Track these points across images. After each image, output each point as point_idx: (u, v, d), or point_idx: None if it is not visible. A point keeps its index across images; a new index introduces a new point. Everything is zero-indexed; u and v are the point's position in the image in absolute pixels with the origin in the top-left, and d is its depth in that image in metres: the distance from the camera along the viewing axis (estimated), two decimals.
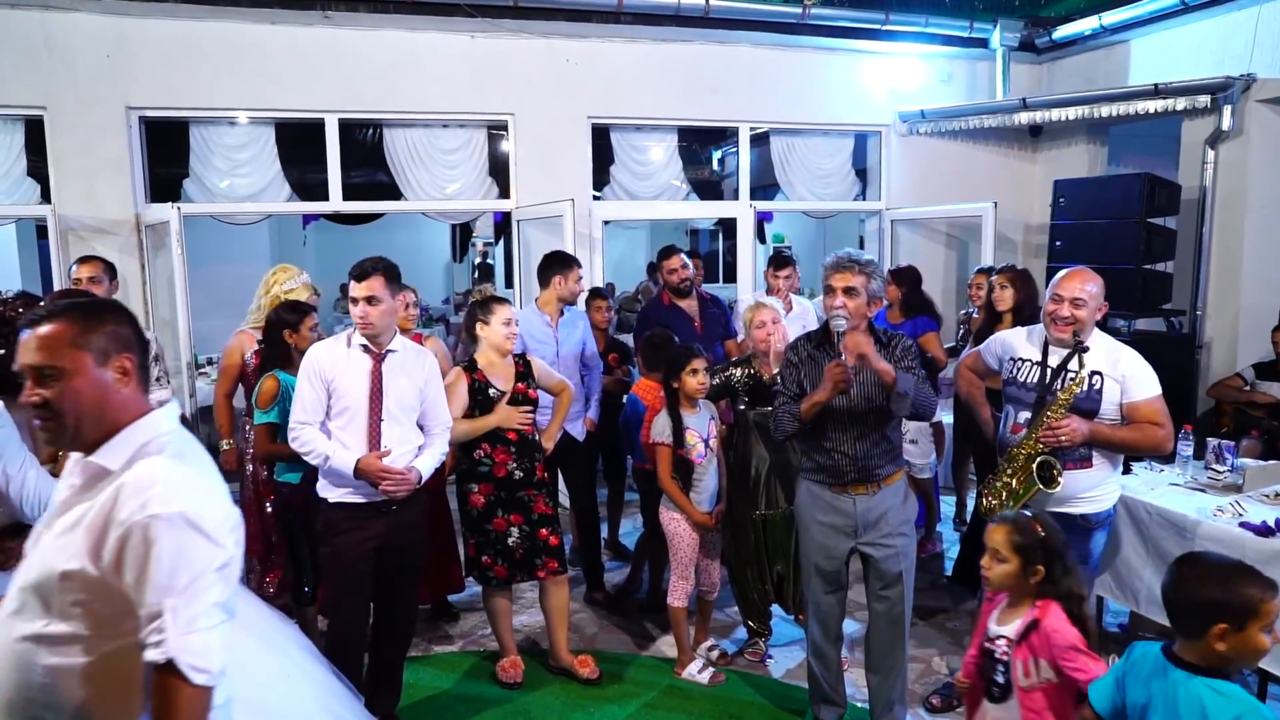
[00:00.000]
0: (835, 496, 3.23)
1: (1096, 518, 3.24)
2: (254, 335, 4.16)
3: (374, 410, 3.24)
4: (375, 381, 3.25)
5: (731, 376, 4.00)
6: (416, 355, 3.40)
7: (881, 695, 3.35)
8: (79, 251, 5.91)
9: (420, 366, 3.38)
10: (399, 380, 3.29)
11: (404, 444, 3.30)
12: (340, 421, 3.24)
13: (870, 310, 3.17)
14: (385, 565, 3.33)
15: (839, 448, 3.20)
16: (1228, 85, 6.08)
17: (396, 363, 3.30)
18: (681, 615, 3.93)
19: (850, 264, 3.13)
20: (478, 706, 3.72)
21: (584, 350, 4.79)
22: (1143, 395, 3.11)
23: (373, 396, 3.24)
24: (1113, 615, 4.32)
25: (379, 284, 3.18)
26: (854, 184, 8.01)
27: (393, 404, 3.26)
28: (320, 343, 3.38)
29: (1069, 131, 7.62)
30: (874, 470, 3.20)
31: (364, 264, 3.22)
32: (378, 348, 3.26)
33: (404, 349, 3.34)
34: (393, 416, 3.27)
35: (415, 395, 3.34)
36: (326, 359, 3.25)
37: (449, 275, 14.37)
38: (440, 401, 3.46)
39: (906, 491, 3.32)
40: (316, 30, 6.25)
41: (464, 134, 6.93)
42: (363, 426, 3.23)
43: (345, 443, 3.21)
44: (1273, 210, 6.31)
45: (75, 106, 5.87)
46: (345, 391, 3.23)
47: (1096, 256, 5.44)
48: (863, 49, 7.42)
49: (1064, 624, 2.39)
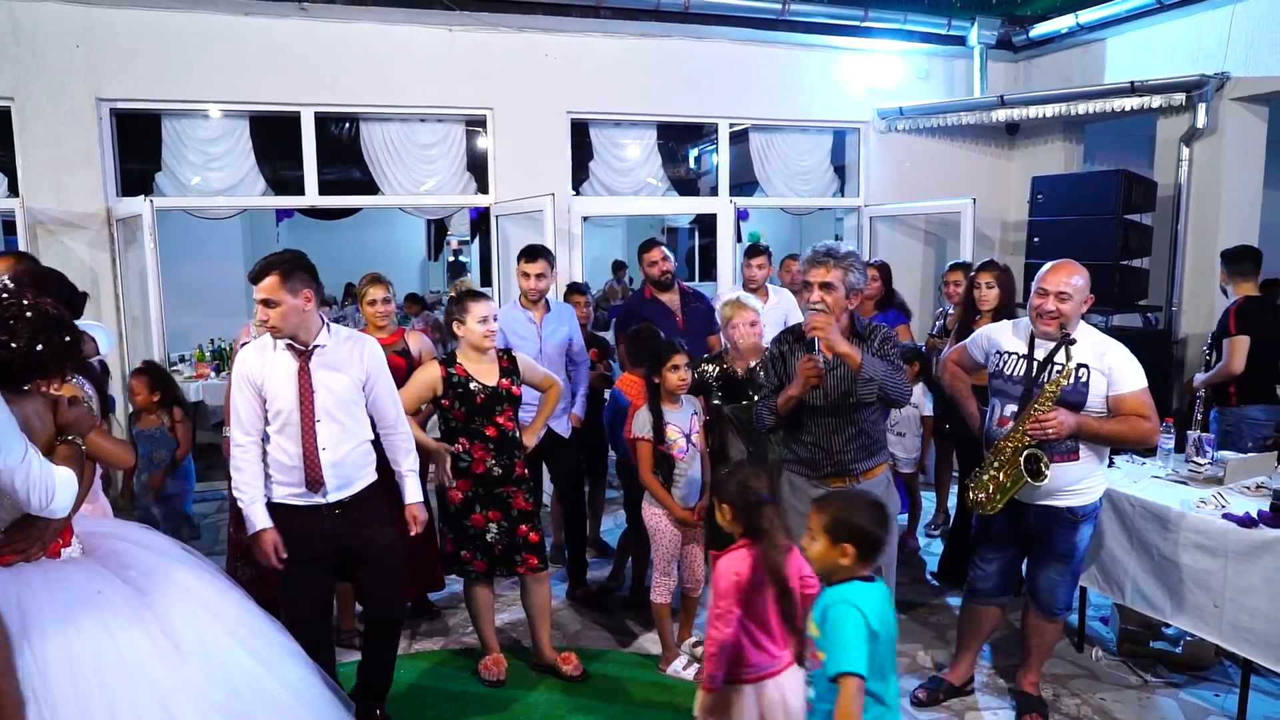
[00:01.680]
0: (812, 488, 3.21)
1: (1083, 510, 3.26)
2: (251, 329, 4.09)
3: (305, 412, 3.05)
4: (304, 381, 3.06)
5: (704, 373, 3.98)
6: (351, 347, 3.19)
7: None
8: (48, 245, 5.81)
9: (356, 358, 3.18)
10: (330, 377, 3.10)
11: (343, 444, 3.12)
12: (275, 426, 3.07)
13: (851, 302, 3.15)
14: (350, 565, 3.24)
15: (815, 440, 3.20)
16: (1202, 83, 6.14)
17: (326, 358, 3.11)
18: (665, 611, 3.90)
19: (826, 258, 3.11)
20: (460, 704, 3.67)
21: (571, 345, 4.70)
22: (1129, 388, 3.12)
23: (303, 397, 3.05)
24: (1094, 608, 4.35)
25: (273, 284, 2.96)
26: (832, 180, 8.02)
27: (328, 402, 3.08)
28: (248, 346, 3.19)
29: (1046, 129, 7.68)
30: (850, 464, 3.19)
31: (260, 264, 3.02)
32: (302, 345, 3.07)
33: (334, 342, 3.14)
34: (329, 415, 3.09)
35: (353, 390, 3.16)
36: (255, 363, 3.08)
37: (424, 273, 14.25)
38: (387, 394, 3.29)
39: (889, 485, 3.30)
40: (292, 21, 6.16)
41: (442, 129, 6.86)
42: (297, 431, 3.06)
43: (284, 448, 3.07)
44: (1246, 207, 6.39)
45: (44, 98, 5.74)
46: (275, 395, 3.05)
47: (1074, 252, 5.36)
48: (841, 45, 7.43)
49: (731, 567, 2.59)
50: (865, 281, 3.20)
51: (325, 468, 3.07)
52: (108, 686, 2.13)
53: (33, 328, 2.20)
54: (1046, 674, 3.73)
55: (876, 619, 2.27)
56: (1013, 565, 3.53)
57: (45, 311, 2.25)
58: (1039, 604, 3.42)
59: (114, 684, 2.14)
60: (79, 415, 2.37)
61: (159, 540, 2.66)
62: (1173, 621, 3.53)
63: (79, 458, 2.32)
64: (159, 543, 2.63)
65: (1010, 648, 3.96)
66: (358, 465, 3.19)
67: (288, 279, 2.98)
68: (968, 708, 3.62)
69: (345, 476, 3.14)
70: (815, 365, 3.00)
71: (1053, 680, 3.78)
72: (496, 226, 6.82)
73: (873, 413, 3.20)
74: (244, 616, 2.57)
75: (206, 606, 2.46)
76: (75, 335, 2.34)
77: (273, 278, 2.97)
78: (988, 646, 3.90)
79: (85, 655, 2.14)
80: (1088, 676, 3.84)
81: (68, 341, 2.29)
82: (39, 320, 2.22)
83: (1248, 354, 4.74)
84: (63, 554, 2.37)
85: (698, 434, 3.85)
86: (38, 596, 2.19)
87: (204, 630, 2.39)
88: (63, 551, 2.37)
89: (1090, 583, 3.88)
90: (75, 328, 2.36)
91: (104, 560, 2.43)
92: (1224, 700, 3.60)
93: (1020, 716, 3.49)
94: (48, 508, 2.13)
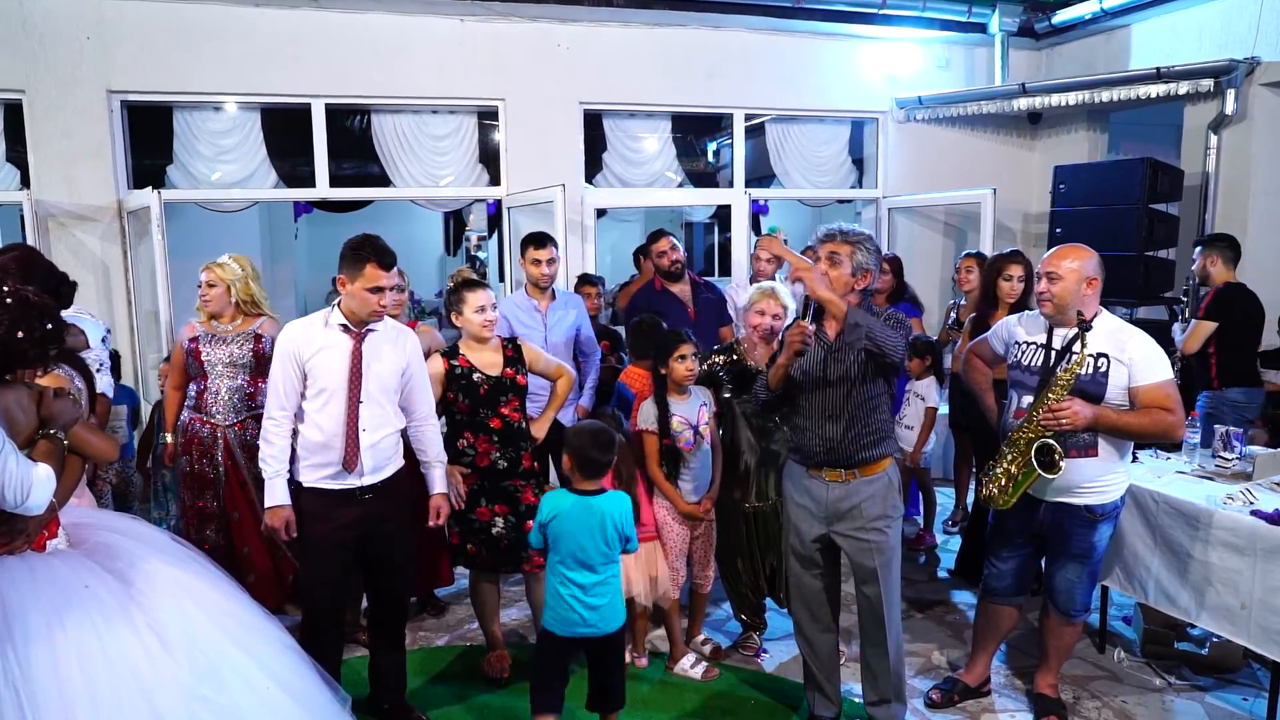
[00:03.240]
0: (808, 477, 3.14)
1: (1102, 509, 3.13)
2: (195, 325, 4.04)
3: (353, 392, 3.11)
4: (355, 362, 3.12)
5: (715, 365, 3.88)
6: (398, 335, 3.28)
7: (873, 691, 3.24)
8: (59, 238, 5.81)
9: (402, 346, 3.25)
10: (379, 360, 3.16)
11: (382, 428, 3.18)
12: (316, 404, 3.12)
13: (858, 282, 3.03)
14: (367, 555, 3.25)
15: (810, 427, 3.10)
16: (1231, 68, 5.97)
17: (377, 342, 3.18)
18: (673, 609, 3.82)
19: (834, 234, 3.07)
20: (464, 700, 3.61)
21: (579, 335, 4.62)
22: (1151, 379, 2.99)
23: (352, 377, 3.11)
24: (1117, 608, 4.22)
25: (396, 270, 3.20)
26: (850, 172, 7.90)
27: (373, 385, 3.14)
28: (295, 322, 3.25)
29: (1069, 118, 7.51)
30: (847, 456, 3.05)
31: (387, 251, 3.13)
32: (359, 326, 3.14)
33: (384, 328, 3.21)
34: (372, 399, 3.14)
35: (396, 377, 3.22)
36: (302, 339, 3.13)
37: (443, 268, 14.22)
38: (424, 386, 3.35)
39: (890, 484, 3.12)
40: (303, 13, 6.12)
41: (454, 120, 6.80)
42: (339, 409, 3.10)
43: (321, 425, 3.10)
44: (1276, 196, 6.20)
45: (55, 90, 5.72)
46: (323, 372, 3.10)
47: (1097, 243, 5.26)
48: (859, 34, 7.30)
49: None
50: (876, 265, 3.07)
51: (363, 450, 3.11)
52: (93, 683, 2.09)
53: (12, 315, 2.16)
54: (1066, 675, 3.62)
55: (547, 515, 2.95)
56: (1029, 564, 3.41)
57: (26, 298, 2.20)
58: (1057, 605, 3.30)
59: (99, 681, 2.10)
60: (63, 407, 2.32)
61: (146, 531, 2.62)
62: (1197, 622, 3.40)
63: (59, 453, 2.27)
64: (146, 533, 2.59)
65: (1029, 648, 3.85)
66: (388, 453, 3.22)
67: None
68: (983, 709, 3.51)
69: (379, 461, 3.18)
70: (801, 330, 2.91)
71: (1072, 682, 3.66)
72: (508, 218, 6.76)
73: (870, 399, 3.03)
74: (233, 608, 2.53)
75: (194, 598, 2.41)
76: (58, 324, 2.29)
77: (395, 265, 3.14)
78: (1005, 647, 3.79)
79: (70, 653, 2.10)
80: (1109, 678, 3.72)
81: (49, 329, 2.24)
82: (19, 307, 2.17)
83: (1225, 339, 4.84)
84: (48, 546, 2.32)
85: (706, 425, 3.75)
86: (22, 591, 2.15)
87: (192, 623, 2.34)
88: (48, 544, 2.32)
89: (1112, 582, 3.75)
90: (58, 316, 2.31)
91: (91, 552, 2.39)
92: (1253, 704, 3.47)
93: (1038, 719, 3.38)
94: (22, 505, 2.09)
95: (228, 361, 3.94)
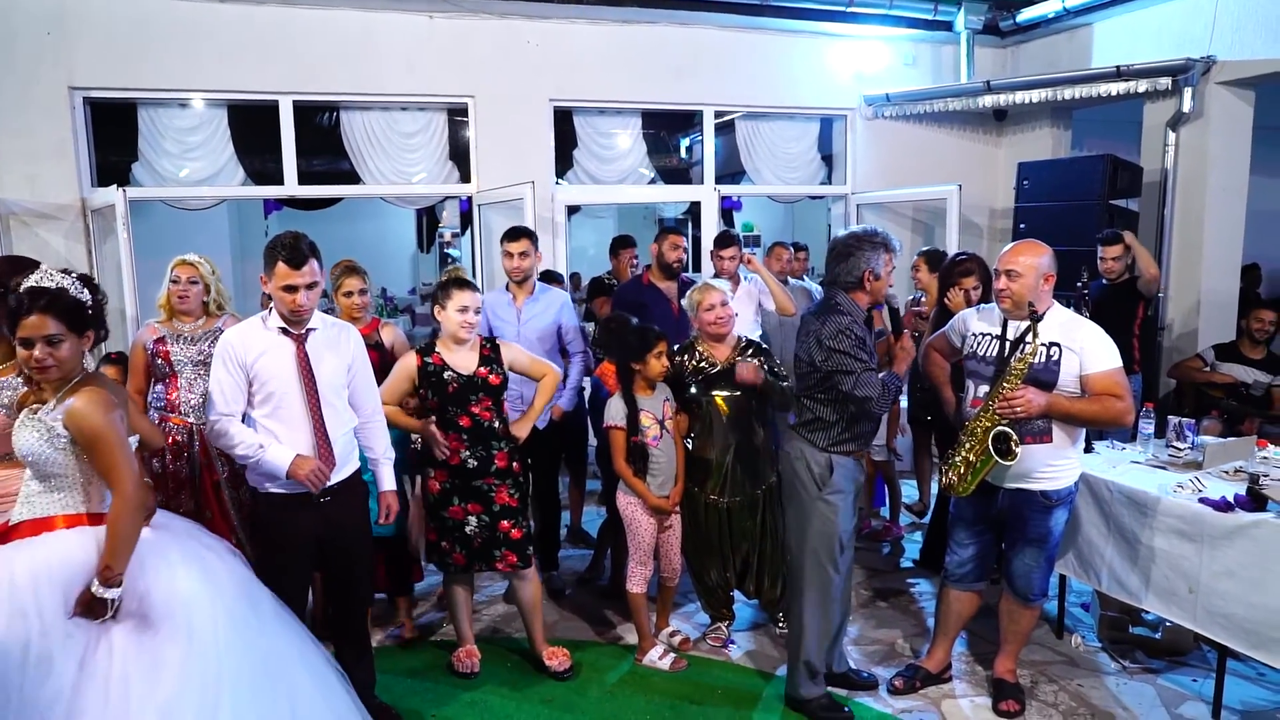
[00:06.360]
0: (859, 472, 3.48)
1: (1057, 494, 3.22)
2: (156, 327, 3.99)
3: (310, 393, 3.03)
4: (304, 364, 3.03)
5: (682, 364, 3.88)
6: (339, 332, 3.19)
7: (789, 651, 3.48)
8: (21, 237, 5.74)
9: (345, 343, 3.18)
10: (322, 360, 3.08)
11: (340, 427, 3.11)
12: (266, 409, 3.02)
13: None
14: (325, 559, 3.20)
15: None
16: (1188, 67, 6.09)
17: (320, 341, 3.09)
18: (641, 601, 3.86)
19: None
20: (433, 696, 3.63)
21: (561, 333, 4.58)
22: (1100, 367, 3.08)
23: (305, 379, 3.03)
24: (1075, 595, 4.32)
25: (316, 267, 3.00)
26: (820, 168, 7.97)
27: (322, 385, 3.06)
28: (235, 326, 3.16)
29: (1033, 115, 7.63)
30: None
31: (303, 246, 2.98)
32: (298, 327, 3.04)
33: (324, 326, 3.13)
34: (324, 399, 3.06)
35: (342, 374, 3.15)
36: (241, 343, 3.02)
37: (415, 265, 14.17)
38: (367, 383, 3.27)
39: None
40: (270, 8, 6.09)
41: (423, 117, 6.79)
42: (298, 413, 3.02)
43: (275, 432, 3.01)
44: (1232, 193, 6.34)
45: (14, 87, 5.66)
46: (269, 376, 3.00)
47: (1060, 238, 5.40)
48: (827, 31, 7.37)
49: None
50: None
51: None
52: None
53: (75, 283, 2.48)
54: (1025, 661, 3.70)
55: None
56: (989, 550, 3.49)
57: (68, 271, 2.53)
58: (1014, 589, 3.39)
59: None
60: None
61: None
62: (1147, 606, 3.49)
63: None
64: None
65: (989, 635, 3.92)
66: (346, 452, 3.16)
67: (320, 261, 3.03)
68: (944, 695, 3.58)
69: (339, 461, 3.12)
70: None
71: (1031, 667, 3.75)
72: (479, 216, 6.76)
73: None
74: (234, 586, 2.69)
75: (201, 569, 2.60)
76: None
77: (315, 260, 2.99)
78: (966, 634, 3.86)
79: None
80: (1066, 663, 3.81)
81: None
82: (79, 279, 2.50)
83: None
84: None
85: (670, 420, 3.80)
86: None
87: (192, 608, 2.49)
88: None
89: (1067, 569, 3.84)
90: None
91: None
92: (1201, 685, 3.57)
93: (997, 704, 3.46)
94: None
95: (198, 360, 3.90)
